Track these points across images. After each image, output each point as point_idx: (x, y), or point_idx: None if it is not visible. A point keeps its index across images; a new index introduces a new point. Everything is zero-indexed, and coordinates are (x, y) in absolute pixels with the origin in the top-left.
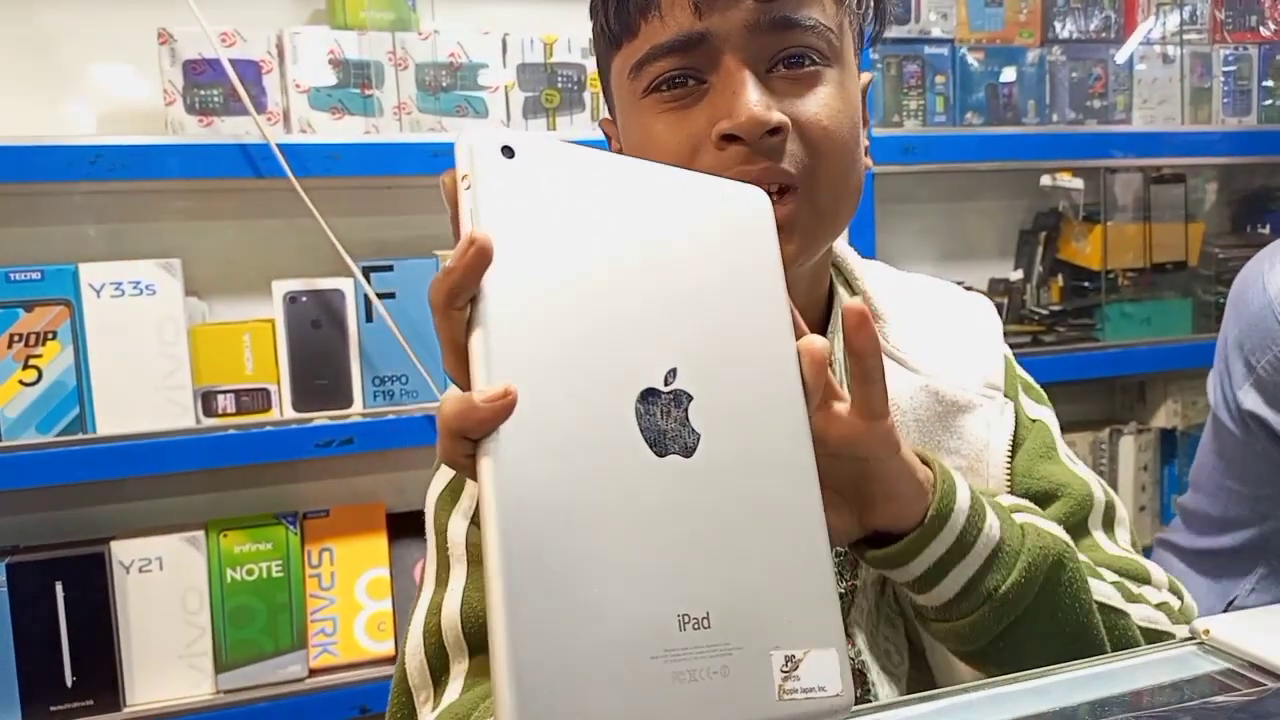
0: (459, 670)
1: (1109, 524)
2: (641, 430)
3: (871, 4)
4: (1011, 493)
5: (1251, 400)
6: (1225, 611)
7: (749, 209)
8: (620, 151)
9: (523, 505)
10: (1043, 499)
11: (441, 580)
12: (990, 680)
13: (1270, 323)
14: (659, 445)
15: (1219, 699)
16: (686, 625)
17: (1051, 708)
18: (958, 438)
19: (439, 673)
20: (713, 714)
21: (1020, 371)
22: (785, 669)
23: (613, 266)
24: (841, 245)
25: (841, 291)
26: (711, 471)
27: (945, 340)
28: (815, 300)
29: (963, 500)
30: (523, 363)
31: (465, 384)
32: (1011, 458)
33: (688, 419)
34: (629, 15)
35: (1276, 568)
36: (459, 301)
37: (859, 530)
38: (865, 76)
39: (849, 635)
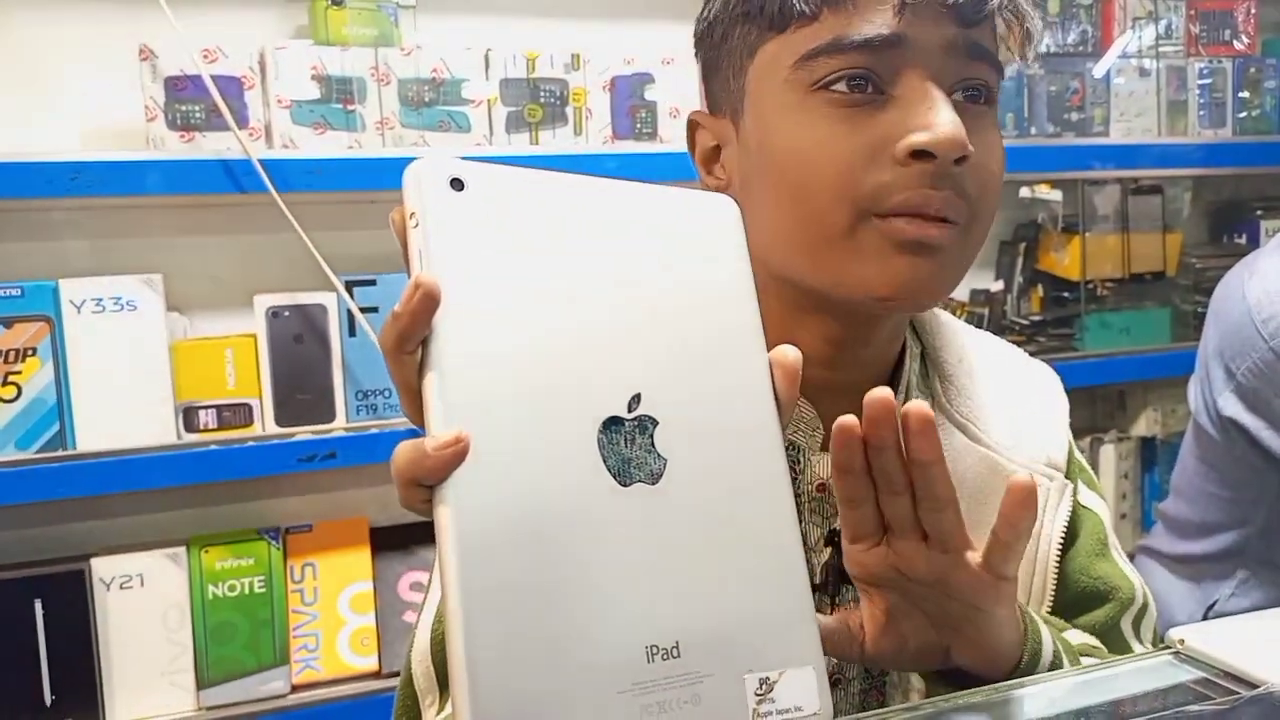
0: None
1: (1138, 623)
2: (605, 460)
3: (1020, 51)
4: (1059, 586)
5: (1231, 406)
6: (1206, 616)
7: (715, 219)
8: (715, 151)
9: (481, 548)
10: (1094, 598)
11: None
12: (969, 692)
13: (1249, 330)
14: (623, 475)
15: (1193, 708)
16: (655, 656)
17: (1035, 717)
18: None
19: (445, 678)
20: None
21: (1078, 454)
22: (760, 692)
23: (570, 295)
24: None
25: (911, 343)
26: (679, 497)
27: (1009, 410)
28: (892, 348)
29: (1046, 654)
30: (477, 404)
31: (421, 424)
32: (1063, 548)
33: (653, 445)
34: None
35: (1256, 571)
36: (408, 346)
37: (943, 663)
38: None
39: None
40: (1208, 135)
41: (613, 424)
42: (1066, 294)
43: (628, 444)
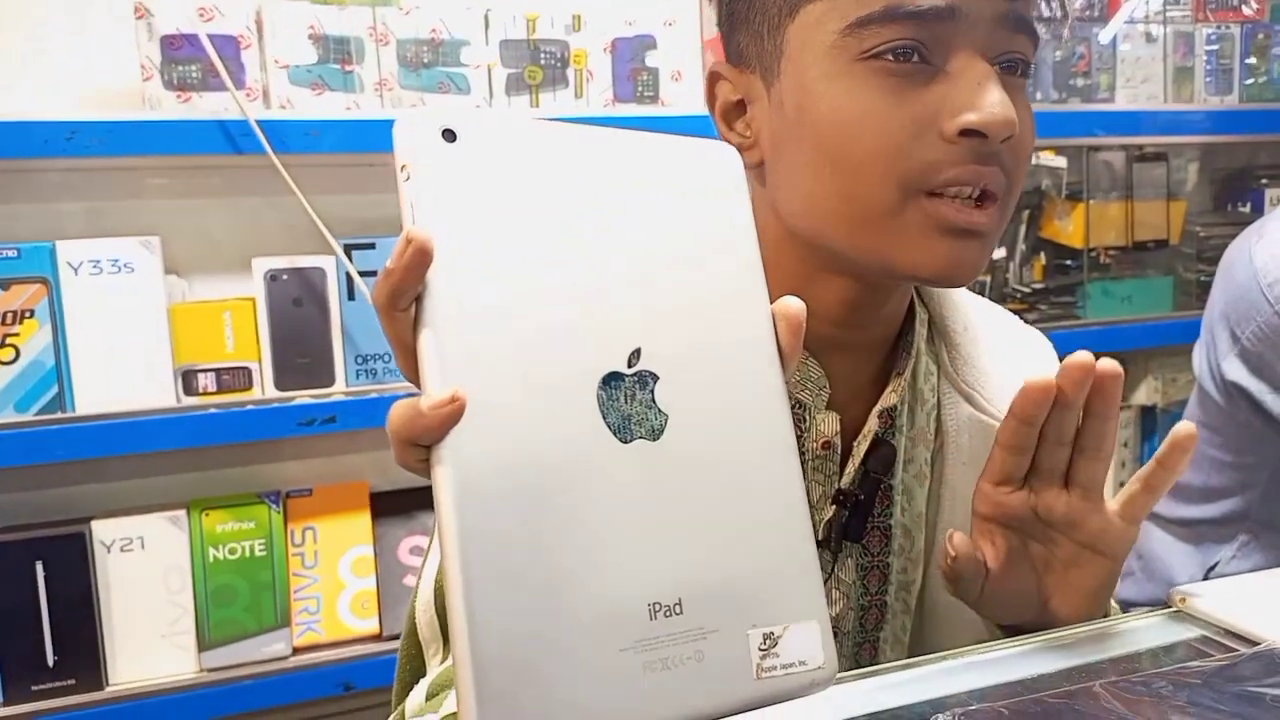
0: None
1: None
2: (604, 416)
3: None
4: None
5: (1235, 370)
6: (1206, 578)
7: (716, 168)
8: (740, 104)
9: (479, 507)
10: None
11: None
12: (972, 648)
13: (1255, 294)
14: (623, 431)
15: (1194, 664)
16: (658, 614)
17: (1033, 674)
18: None
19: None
20: (688, 701)
21: None
22: (764, 647)
23: (568, 248)
24: None
25: (919, 308)
26: (680, 453)
27: (1010, 378)
28: (899, 312)
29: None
30: (473, 360)
31: (418, 383)
32: None
33: (654, 400)
34: None
35: (1258, 534)
36: (401, 303)
37: (1035, 616)
38: None
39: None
40: (1214, 102)
41: (612, 380)
42: (1069, 262)
43: (628, 400)
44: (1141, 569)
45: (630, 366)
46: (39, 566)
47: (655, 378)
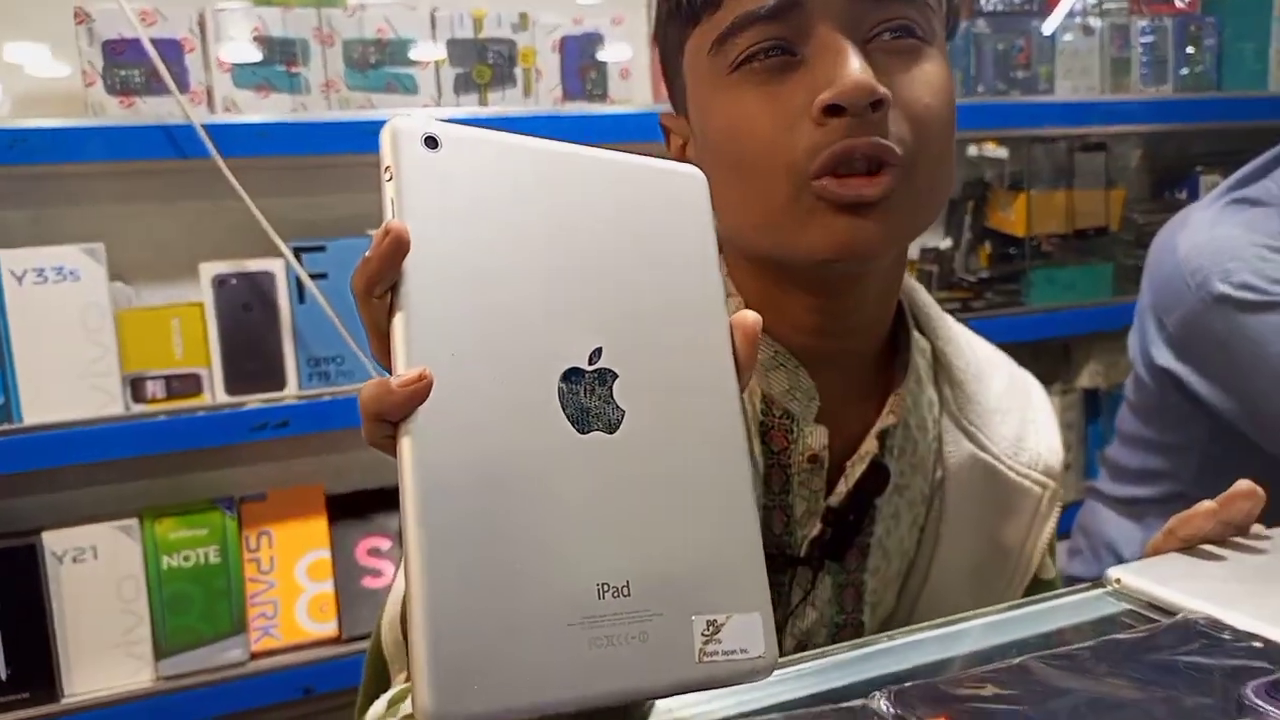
0: None
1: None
2: (564, 408)
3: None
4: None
5: (1164, 356)
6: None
7: (681, 189)
8: (684, 148)
9: (440, 483)
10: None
11: None
12: (913, 628)
13: (1179, 283)
14: (581, 423)
15: (1118, 636)
16: (606, 593)
17: (971, 650)
18: (1004, 523)
19: None
20: (631, 676)
21: None
22: (706, 633)
23: (536, 252)
24: (912, 281)
25: (917, 336)
26: (635, 446)
27: (1007, 417)
28: (882, 315)
29: None
30: (441, 346)
31: (390, 368)
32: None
33: (611, 396)
34: None
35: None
36: (378, 289)
37: None
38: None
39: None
40: (1150, 92)
41: (573, 374)
42: (1013, 250)
43: (587, 394)
44: (1089, 546)
45: (591, 364)
46: None
47: (614, 375)
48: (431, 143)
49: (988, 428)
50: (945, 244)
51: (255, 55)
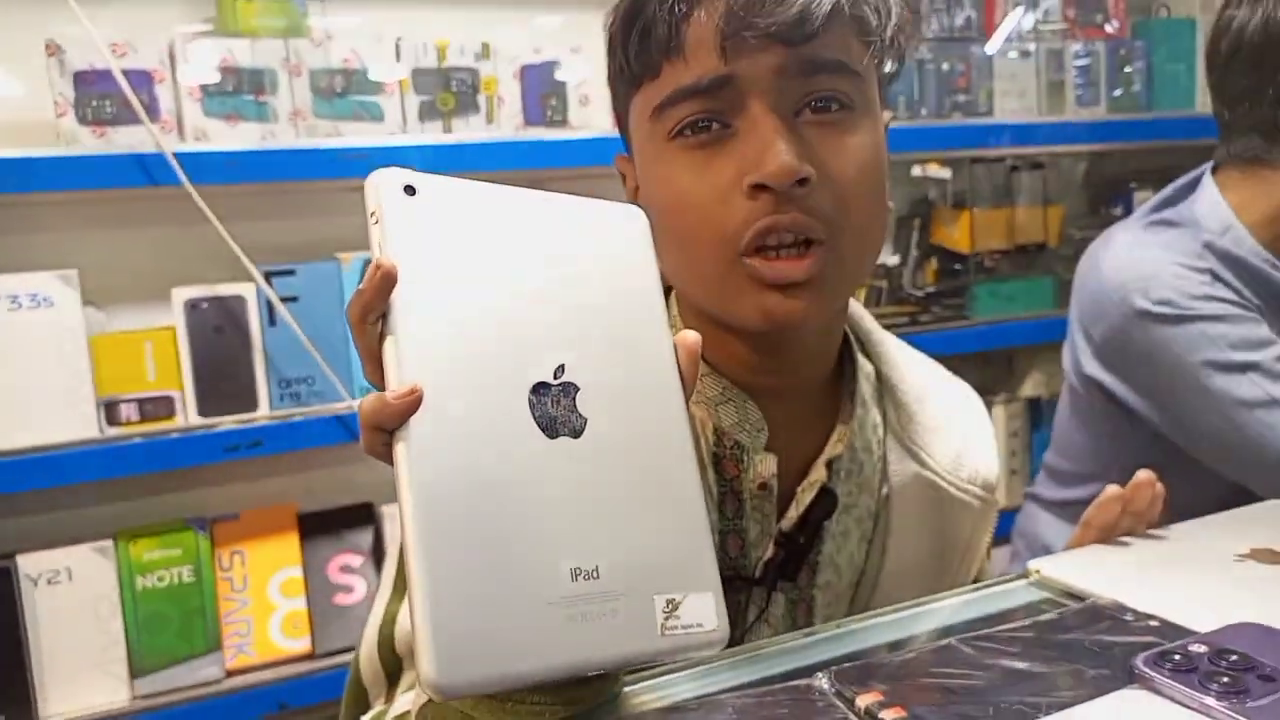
0: (412, 678)
1: None
2: (535, 417)
3: (897, 44)
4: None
5: (1092, 366)
6: None
7: (625, 224)
8: (636, 190)
9: (432, 483)
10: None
11: (399, 591)
12: (854, 617)
13: (1103, 299)
14: (550, 429)
15: (1032, 619)
16: (578, 576)
17: (906, 635)
18: (946, 532)
19: (394, 675)
20: (603, 647)
21: None
22: (666, 610)
23: (505, 282)
24: (856, 306)
25: (862, 361)
26: (598, 449)
27: (947, 434)
28: (825, 351)
29: None
30: (428, 365)
31: (382, 387)
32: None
33: (575, 406)
34: (651, 55)
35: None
36: (370, 318)
37: None
38: (887, 114)
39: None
40: (1084, 114)
41: (541, 388)
42: (958, 266)
43: (554, 404)
44: (1026, 548)
45: (556, 378)
46: None
47: (576, 388)
48: (410, 190)
49: (929, 446)
50: (893, 260)
51: (224, 85)
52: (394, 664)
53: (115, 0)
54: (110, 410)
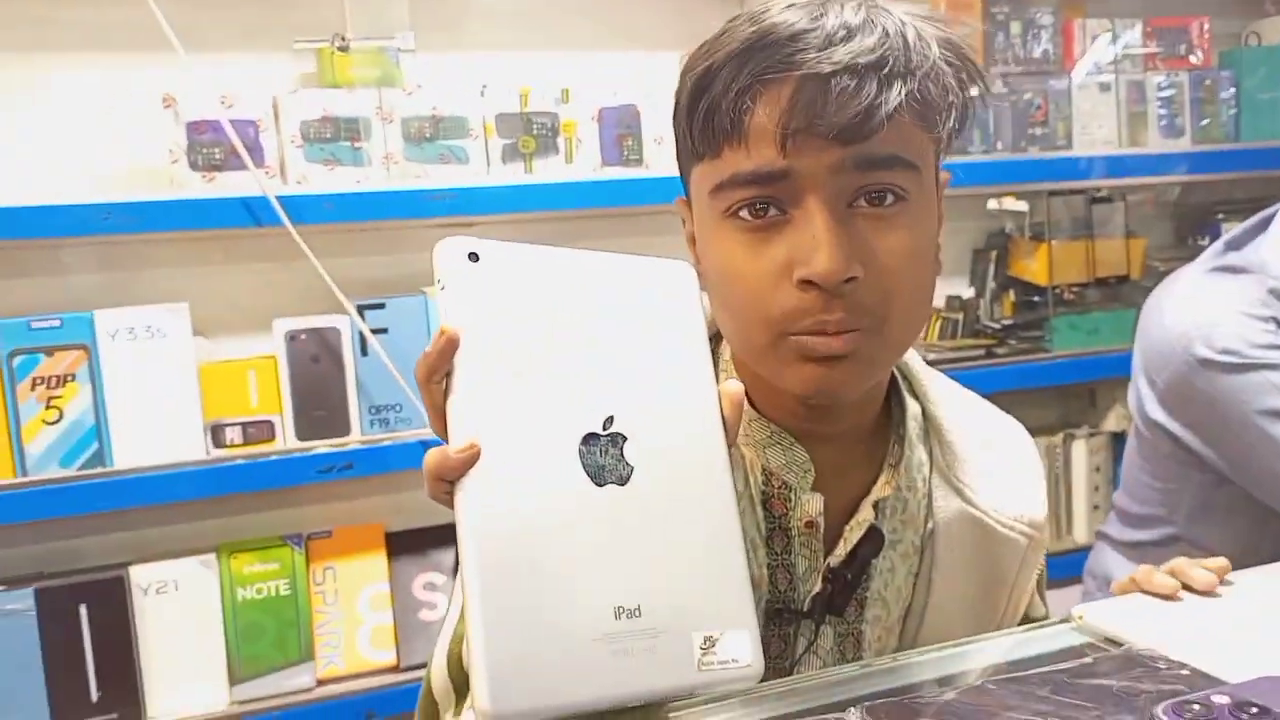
0: None
1: None
2: (584, 466)
3: (957, 119)
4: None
5: (1157, 412)
6: None
7: (673, 279)
8: (694, 237)
9: (488, 529)
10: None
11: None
12: (895, 654)
13: (1166, 348)
14: (598, 477)
15: (1066, 664)
16: (621, 615)
17: (944, 674)
18: (993, 568)
19: (462, 690)
20: (644, 680)
21: None
22: (704, 646)
23: (559, 340)
24: None
25: (909, 401)
26: (643, 495)
27: (994, 471)
28: (870, 401)
29: None
30: (486, 420)
31: (446, 438)
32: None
33: (623, 455)
34: (714, 137)
35: (1190, 554)
36: (435, 378)
37: None
38: (944, 176)
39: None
40: (1167, 145)
41: (590, 438)
42: (1036, 298)
43: (602, 454)
44: (1096, 588)
45: (604, 429)
46: (83, 609)
47: (624, 438)
48: (474, 257)
49: (975, 484)
50: (969, 293)
51: (323, 132)
52: (462, 679)
53: (224, 55)
54: (216, 433)
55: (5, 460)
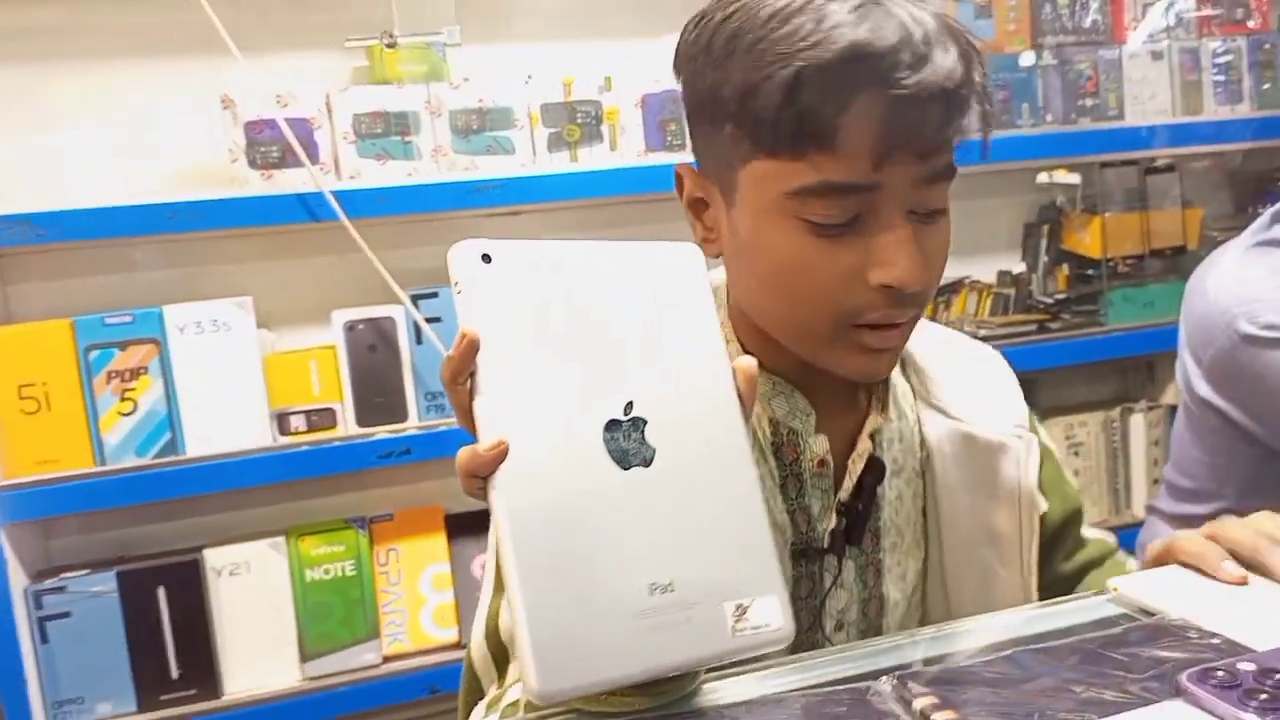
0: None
1: (1083, 522)
2: (609, 452)
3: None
4: (1048, 511)
5: (1203, 388)
6: None
7: (681, 263)
8: (699, 201)
9: (523, 520)
10: (1073, 515)
11: (499, 589)
12: (931, 626)
13: (1210, 323)
14: (623, 461)
15: (1098, 633)
16: (656, 591)
17: (977, 645)
18: (994, 477)
19: (501, 662)
20: (682, 651)
21: (1033, 418)
22: (736, 614)
23: (575, 331)
24: None
25: None
26: (667, 475)
27: (974, 388)
28: None
29: None
30: (512, 416)
31: (475, 435)
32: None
33: (645, 438)
34: (804, 139)
35: None
36: (460, 379)
37: None
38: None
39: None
40: (1224, 112)
41: (613, 425)
42: (1090, 271)
43: (625, 439)
44: None
45: (626, 414)
46: (161, 591)
47: (645, 422)
48: (486, 259)
49: (955, 402)
50: (1020, 268)
51: (374, 128)
52: (501, 652)
53: (278, 56)
54: (281, 421)
55: (85, 450)
